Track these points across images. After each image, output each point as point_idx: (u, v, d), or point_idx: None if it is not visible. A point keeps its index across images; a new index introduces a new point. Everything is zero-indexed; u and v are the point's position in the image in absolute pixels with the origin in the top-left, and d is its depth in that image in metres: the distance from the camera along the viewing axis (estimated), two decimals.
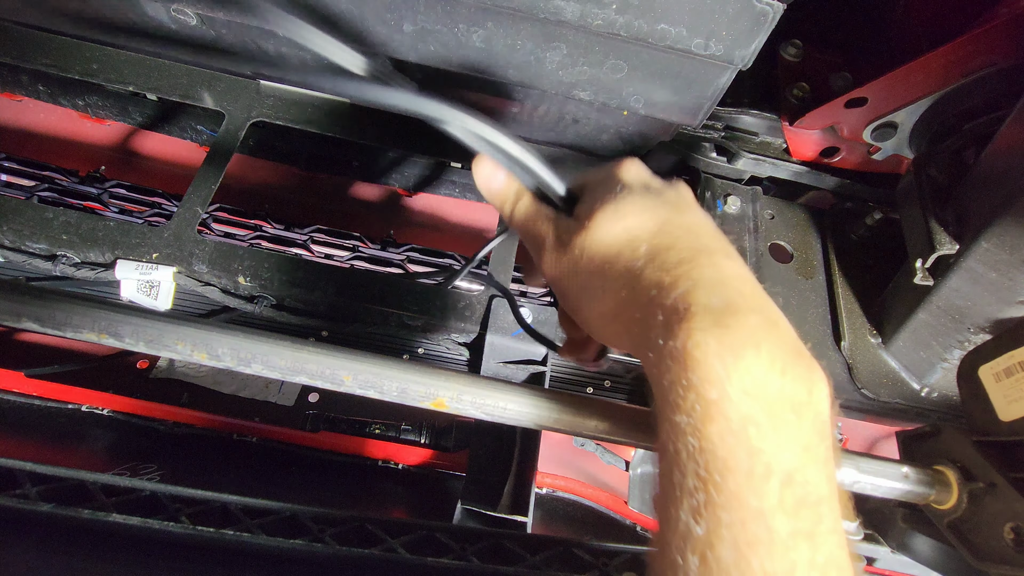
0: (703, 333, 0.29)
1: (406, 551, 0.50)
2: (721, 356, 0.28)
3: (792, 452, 0.28)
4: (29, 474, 0.50)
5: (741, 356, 0.28)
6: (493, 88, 0.77)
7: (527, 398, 0.40)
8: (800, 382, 0.29)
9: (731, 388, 0.28)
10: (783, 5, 0.55)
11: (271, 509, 0.52)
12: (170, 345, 0.39)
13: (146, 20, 0.74)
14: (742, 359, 0.28)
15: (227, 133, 0.80)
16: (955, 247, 0.64)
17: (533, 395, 0.40)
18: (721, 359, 0.28)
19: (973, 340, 0.67)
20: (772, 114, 0.81)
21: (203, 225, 0.87)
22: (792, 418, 0.28)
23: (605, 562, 0.52)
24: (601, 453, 0.83)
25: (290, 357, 0.39)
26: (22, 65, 0.82)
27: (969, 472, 0.46)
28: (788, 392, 0.29)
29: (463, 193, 1.11)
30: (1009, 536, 0.42)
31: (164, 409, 0.84)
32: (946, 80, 0.67)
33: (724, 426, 0.28)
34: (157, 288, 0.70)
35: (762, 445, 0.27)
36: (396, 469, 0.86)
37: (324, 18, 0.65)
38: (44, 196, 0.84)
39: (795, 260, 0.83)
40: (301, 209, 1.09)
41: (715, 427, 0.28)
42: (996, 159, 0.62)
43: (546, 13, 0.58)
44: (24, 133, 1.05)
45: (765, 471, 0.27)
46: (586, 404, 0.40)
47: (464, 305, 0.74)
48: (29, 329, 0.39)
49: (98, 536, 0.47)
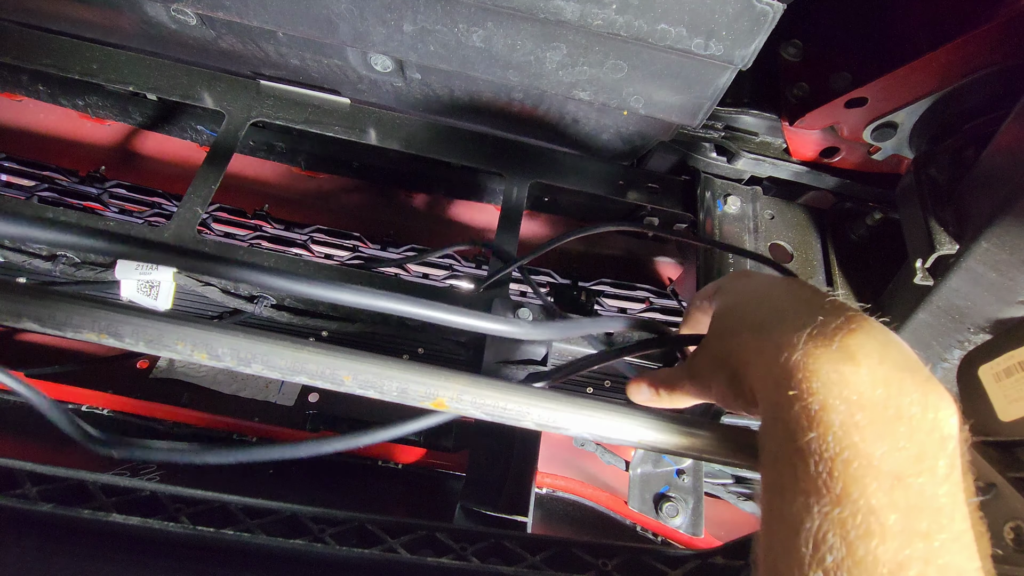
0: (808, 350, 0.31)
1: (406, 551, 0.50)
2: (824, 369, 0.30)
3: (903, 458, 0.28)
4: (29, 474, 0.50)
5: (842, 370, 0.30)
6: (493, 88, 0.77)
7: (527, 398, 0.40)
8: (909, 396, 0.30)
9: (832, 398, 0.29)
10: (783, 5, 0.55)
11: (271, 509, 0.52)
12: (170, 345, 0.39)
13: (146, 20, 0.74)
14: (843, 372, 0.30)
15: (227, 133, 0.80)
16: (955, 247, 0.64)
17: (533, 395, 0.40)
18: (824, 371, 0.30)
19: (973, 340, 0.67)
20: (772, 114, 0.81)
21: (203, 225, 0.87)
22: (903, 429, 0.29)
23: (605, 562, 0.52)
24: (601, 453, 0.83)
25: (290, 357, 0.39)
26: (22, 65, 0.82)
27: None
28: (895, 403, 0.29)
29: (463, 193, 1.11)
30: (1009, 536, 0.42)
31: (164, 409, 0.84)
32: (946, 80, 0.67)
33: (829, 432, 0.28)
34: (157, 288, 0.70)
35: (869, 449, 0.28)
36: (396, 469, 0.86)
37: (324, 18, 0.65)
38: (44, 196, 0.84)
39: (795, 260, 0.83)
40: (301, 209, 1.09)
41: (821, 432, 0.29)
42: (996, 159, 0.62)
43: (546, 13, 0.58)
44: (24, 133, 1.05)
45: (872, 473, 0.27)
46: (586, 404, 0.40)
47: (463, 305, 0.74)
48: (29, 329, 0.39)
49: (98, 536, 0.47)
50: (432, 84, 0.79)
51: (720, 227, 0.82)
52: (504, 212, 0.82)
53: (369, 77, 0.79)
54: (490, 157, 0.87)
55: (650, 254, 1.15)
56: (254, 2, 0.64)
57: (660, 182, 0.90)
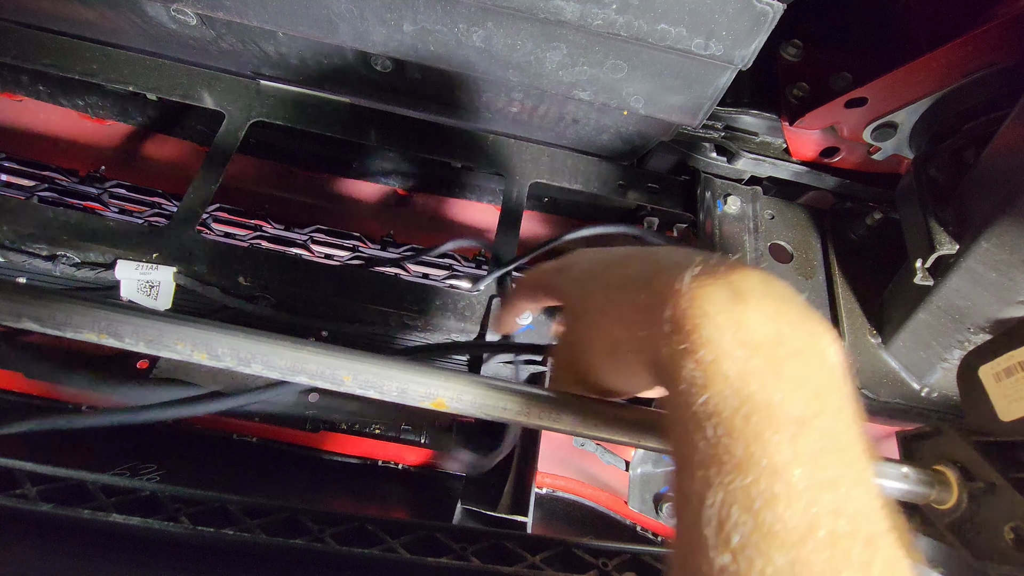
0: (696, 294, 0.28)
1: (406, 551, 0.50)
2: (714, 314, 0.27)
3: (802, 400, 0.26)
4: (29, 474, 0.50)
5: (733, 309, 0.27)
6: (493, 88, 0.77)
7: (527, 398, 0.40)
8: (799, 329, 0.28)
9: (726, 343, 0.26)
10: (783, 5, 0.55)
11: (271, 509, 0.52)
12: (170, 345, 0.39)
13: (146, 20, 0.74)
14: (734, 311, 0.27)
15: (227, 133, 0.80)
16: (955, 247, 0.64)
17: (533, 395, 0.40)
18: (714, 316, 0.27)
19: (973, 340, 0.67)
20: (772, 114, 0.81)
21: (203, 225, 0.87)
22: (798, 366, 0.27)
23: (605, 562, 0.52)
24: (601, 453, 0.83)
25: (290, 357, 0.39)
26: (22, 65, 0.82)
27: (969, 472, 0.46)
28: (787, 340, 0.27)
29: (463, 193, 1.11)
30: (1009, 536, 0.42)
31: None
32: (946, 80, 0.67)
33: (725, 386, 0.26)
34: (157, 288, 0.70)
35: (768, 397, 0.26)
36: (396, 469, 0.86)
37: (324, 18, 0.65)
38: (44, 196, 0.84)
39: (795, 260, 0.83)
40: (301, 209, 1.09)
41: (716, 388, 0.26)
42: (996, 159, 0.62)
43: (546, 13, 0.58)
44: (24, 133, 1.05)
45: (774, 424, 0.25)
46: (586, 404, 0.40)
47: (464, 305, 0.74)
48: (29, 329, 0.39)
49: (98, 536, 0.47)
50: (432, 84, 0.79)
51: (720, 227, 0.82)
52: (504, 212, 0.82)
53: (369, 77, 0.79)
54: (490, 157, 0.87)
55: None
56: (254, 2, 0.64)
57: (660, 182, 0.90)
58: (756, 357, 0.26)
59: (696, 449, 0.26)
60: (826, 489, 0.25)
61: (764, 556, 0.23)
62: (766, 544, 0.24)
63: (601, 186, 0.88)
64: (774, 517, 0.24)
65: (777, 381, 0.26)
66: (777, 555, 0.23)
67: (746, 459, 0.25)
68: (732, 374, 0.26)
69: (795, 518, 0.24)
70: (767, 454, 0.25)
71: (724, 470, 0.25)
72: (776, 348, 0.27)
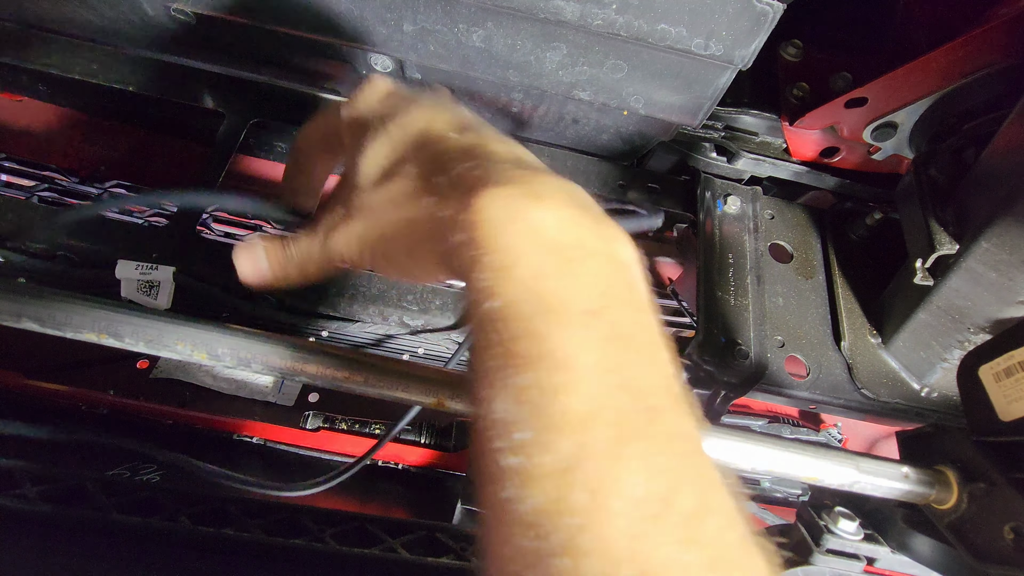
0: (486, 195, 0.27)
1: (406, 551, 0.50)
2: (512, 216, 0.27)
3: (591, 296, 0.26)
4: (29, 474, 0.50)
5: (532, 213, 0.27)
6: (493, 88, 0.77)
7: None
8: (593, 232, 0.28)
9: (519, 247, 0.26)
10: (783, 5, 0.55)
11: (271, 509, 0.52)
12: (170, 345, 0.39)
13: (146, 20, 0.74)
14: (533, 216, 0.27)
15: (227, 133, 0.80)
16: (955, 247, 0.64)
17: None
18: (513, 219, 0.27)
19: (973, 340, 0.67)
20: (772, 114, 0.81)
21: (203, 225, 0.87)
22: (591, 265, 0.27)
23: None
24: None
25: (290, 357, 0.39)
26: (22, 65, 0.82)
27: (969, 472, 0.46)
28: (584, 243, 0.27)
29: None
30: (1009, 536, 0.42)
31: (164, 409, 0.84)
32: (946, 80, 0.67)
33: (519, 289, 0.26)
34: (157, 288, 0.70)
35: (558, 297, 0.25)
36: (396, 469, 0.86)
37: (324, 18, 0.65)
38: (44, 196, 0.84)
39: (795, 260, 0.83)
40: None
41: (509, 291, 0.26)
42: (996, 159, 0.62)
43: (546, 13, 0.58)
44: (24, 133, 1.05)
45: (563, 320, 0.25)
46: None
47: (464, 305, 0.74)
48: (29, 329, 0.39)
49: (98, 536, 0.47)
50: (432, 84, 0.79)
51: (720, 227, 0.82)
52: None
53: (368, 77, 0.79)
54: None
55: (650, 254, 1.15)
56: (254, 2, 0.64)
57: (660, 182, 0.90)
58: (550, 261, 0.26)
59: (492, 355, 0.26)
60: (612, 373, 0.24)
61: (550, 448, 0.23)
62: (551, 435, 0.23)
63: (601, 186, 0.88)
64: (559, 407, 0.23)
65: (568, 280, 0.26)
66: (564, 443, 0.23)
67: (534, 356, 0.24)
68: (526, 277, 0.26)
69: (580, 404, 0.23)
70: (554, 348, 0.24)
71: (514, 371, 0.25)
72: (569, 251, 0.27)
